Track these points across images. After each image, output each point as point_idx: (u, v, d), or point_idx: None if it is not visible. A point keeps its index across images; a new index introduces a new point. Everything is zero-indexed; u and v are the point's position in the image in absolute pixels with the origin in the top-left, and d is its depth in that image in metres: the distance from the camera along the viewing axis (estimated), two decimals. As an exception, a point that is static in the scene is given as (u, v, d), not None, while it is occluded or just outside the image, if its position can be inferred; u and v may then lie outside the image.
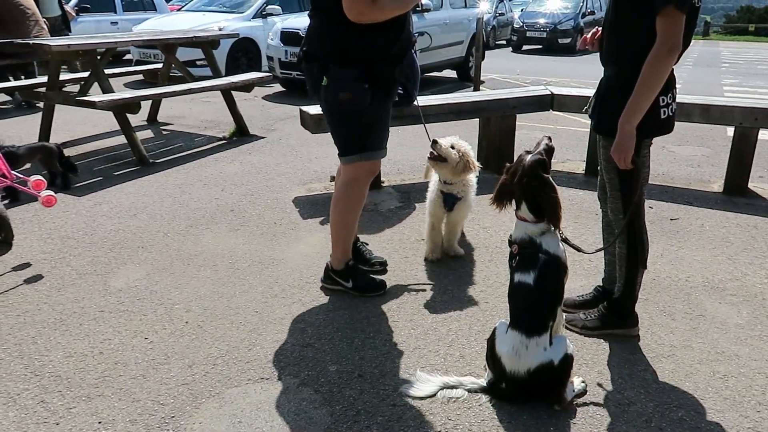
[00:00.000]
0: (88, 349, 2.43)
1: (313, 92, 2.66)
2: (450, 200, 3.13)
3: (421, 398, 2.13)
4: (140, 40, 6.06)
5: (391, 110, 2.73)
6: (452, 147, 3.03)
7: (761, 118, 4.18)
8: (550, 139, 2.10)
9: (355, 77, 2.48)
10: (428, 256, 3.27)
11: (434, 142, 3.00)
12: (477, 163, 3.14)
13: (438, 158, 3.02)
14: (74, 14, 9.46)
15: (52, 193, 3.38)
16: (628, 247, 2.40)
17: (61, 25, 8.30)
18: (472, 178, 3.20)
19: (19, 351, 2.41)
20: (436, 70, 9.98)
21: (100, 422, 2.02)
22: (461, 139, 3.13)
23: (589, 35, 2.45)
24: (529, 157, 2.01)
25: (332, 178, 4.42)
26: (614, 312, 2.54)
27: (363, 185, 2.76)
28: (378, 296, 2.87)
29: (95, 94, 5.06)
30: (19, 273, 3.07)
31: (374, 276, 2.98)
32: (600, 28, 2.39)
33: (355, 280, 2.87)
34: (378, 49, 2.49)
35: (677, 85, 2.28)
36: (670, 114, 2.23)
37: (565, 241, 2.07)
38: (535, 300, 2.01)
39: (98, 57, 5.29)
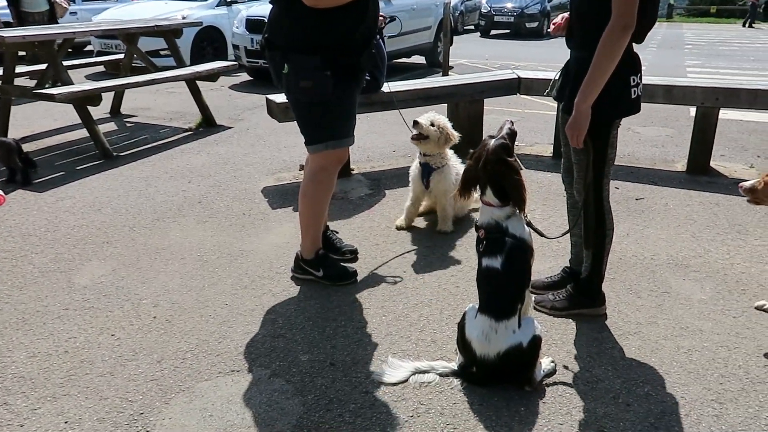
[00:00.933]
0: (52, 348, 2.37)
1: (277, 80, 2.62)
2: (426, 169, 3.36)
3: (394, 384, 2.14)
4: (99, 30, 5.90)
5: (357, 97, 2.71)
6: (432, 124, 3.27)
7: (722, 98, 4.27)
8: (512, 123, 2.11)
9: (317, 65, 2.43)
10: (397, 223, 3.53)
11: (415, 123, 3.24)
12: (456, 134, 3.37)
13: (420, 136, 3.27)
14: (67, 5, 8.44)
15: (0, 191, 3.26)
16: (594, 226, 2.43)
17: (47, 23, 7.63)
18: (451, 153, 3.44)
19: (-20, 353, 2.34)
20: (405, 56, 9.94)
21: (66, 422, 1.97)
22: (444, 117, 3.39)
23: (561, 20, 2.44)
24: (492, 142, 2.01)
25: (301, 167, 4.38)
26: (582, 292, 2.58)
27: (331, 174, 2.73)
28: (349, 284, 2.86)
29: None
30: (-22, 273, 2.98)
31: (345, 264, 2.97)
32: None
33: (326, 269, 2.85)
34: (340, 34, 2.45)
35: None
36: (639, 94, 2.26)
37: (529, 225, 2.08)
38: (503, 284, 2.02)
39: (56, 48, 5.13)
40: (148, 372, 2.23)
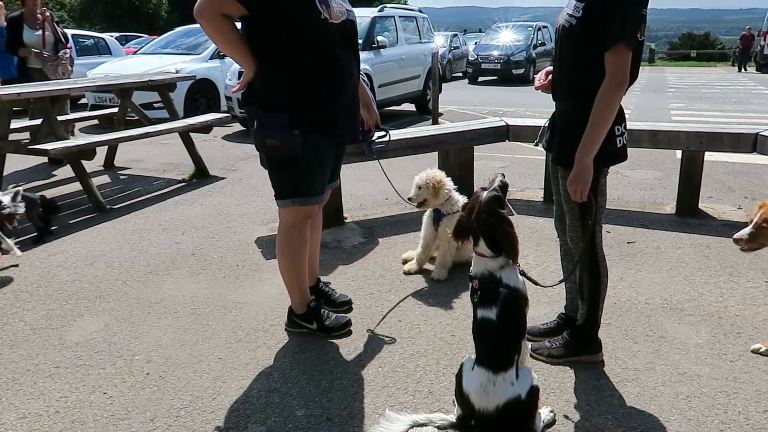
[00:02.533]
0: (43, 408, 2.33)
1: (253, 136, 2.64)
2: (437, 215, 3.56)
3: (391, 439, 2.10)
4: (93, 86, 5.98)
5: (333, 153, 2.67)
6: (419, 188, 3.51)
7: (706, 142, 4.36)
8: (503, 175, 2.14)
9: (283, 123, 2.42)
10: (405, 268, 3.62)
11: (409, 199, 3.54)
12: (445, 181, 3.57)
13: (420, 205, 3.56)
14: (61, 71, 6.57)
15: None
16: (589, 274, 2.45)
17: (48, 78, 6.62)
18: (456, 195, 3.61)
19: (-31, 415, 2.29)
20: (395, 104, 10.14)
21: (56, 487, 1.92)
22: (426, 170, 3.59)
23: (544, 79, 2.51)
24: (484, 194, 2.04)
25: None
26: (578, 339, 2.58)
27: (302, 229, 2.69)
28: (344, 335, 2.84)
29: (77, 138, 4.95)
30: (-32, 331, 2.94)
31: (339, 315, 2.95)
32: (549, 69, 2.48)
33: (320, 321, 2.83)
34: (308, 92, 2.44)
35: (626, 112, 2.38)
36: (624, 142, 2.32)
37: (523, 274, 2.10)
38: (499, 335, 2.01)
39: (50, 105, 5.20)
40: (140, 431, 2.19)
